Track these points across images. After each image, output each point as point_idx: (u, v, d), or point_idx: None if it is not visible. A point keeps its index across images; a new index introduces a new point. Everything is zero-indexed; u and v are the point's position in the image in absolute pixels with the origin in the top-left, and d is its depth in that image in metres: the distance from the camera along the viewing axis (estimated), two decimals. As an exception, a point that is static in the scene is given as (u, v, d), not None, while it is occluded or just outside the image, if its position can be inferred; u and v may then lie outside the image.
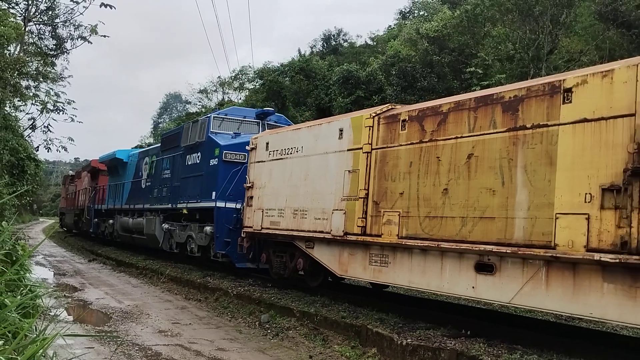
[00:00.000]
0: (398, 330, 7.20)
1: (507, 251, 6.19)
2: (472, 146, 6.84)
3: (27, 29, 19.43)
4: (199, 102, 62.11)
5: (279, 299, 9.88)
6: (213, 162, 13.62)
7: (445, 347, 6.23)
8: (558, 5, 22.02)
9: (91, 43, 20.57)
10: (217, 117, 14.65)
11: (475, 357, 5.88)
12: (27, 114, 21.65)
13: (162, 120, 64.31)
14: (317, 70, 36.47)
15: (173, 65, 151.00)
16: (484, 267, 6.61)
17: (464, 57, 25.99)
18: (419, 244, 7.37)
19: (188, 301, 11.48)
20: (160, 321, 9.23)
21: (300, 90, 36.14)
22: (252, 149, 11.87)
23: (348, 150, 9.00)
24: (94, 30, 19.59)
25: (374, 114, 8.64)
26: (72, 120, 20.88)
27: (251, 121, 14.69)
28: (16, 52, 18.44)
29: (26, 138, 21.13)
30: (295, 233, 10.01)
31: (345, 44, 49.55)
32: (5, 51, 16.25)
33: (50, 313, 5.78)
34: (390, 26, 48.92)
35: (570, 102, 5.86)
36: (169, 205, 15.92)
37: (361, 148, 8.66)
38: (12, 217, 11.71)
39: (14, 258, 5.15)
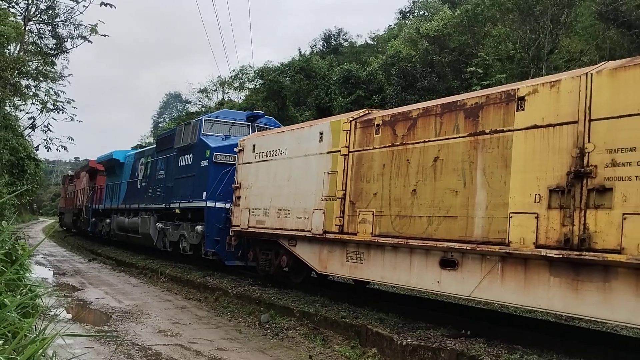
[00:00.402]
0: (398, 330, 7.19)
1: (468, 248, 6.65)
2: (437, 150, 7.33)
3: (27, 28, 19.42)
4: (199, 101, 62.19)
5: (278, 299, 9.88)
6: (204, 163, 14.04)
7: (445, 347, 6.23)
8: (558, 5, 22.00)
9: (91, 42, 20.55)
10: (208, 119, 15.12)
11: (475, 357, 5.88)
12: (27, 113, 21.63)
13: (162, 119, 64.33)
14: (318, 70, 36.44)
15: (174, 65, 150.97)
16: (448, 263, 7.08)
17: (465, 57, 25.98)
18: (391, 242, 7.86)
19: (188, 301, 11.48)
20: (160, 321, 9.23)
21: (301, 89, 36.11)
22: (240, 150, 12.31)
23: (327, 152, 9.46)
24: (94, 30, 19.57)
25: (351, 119, 9.12)
26: (72, 119, 20.85)
27: (242, 124, 15.11)
28: (16, 52, 18.43)
29: (26, 137, 21.12)
30: (279, 232, 10.45)
31: (345, 44, 49.55)
32: (5, 50, 16.24)
33: (50, 313, 5.78)
34: (390, 26, 48.97)
35: (523, 109, 6.33)
36: (163, 205, 16.32)
37: (339, 151, 9.14)
38: (12, 217, 11.73)
39: (14, 257, 5.14)
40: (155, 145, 18.89)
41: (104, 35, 19.66)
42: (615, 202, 5.35)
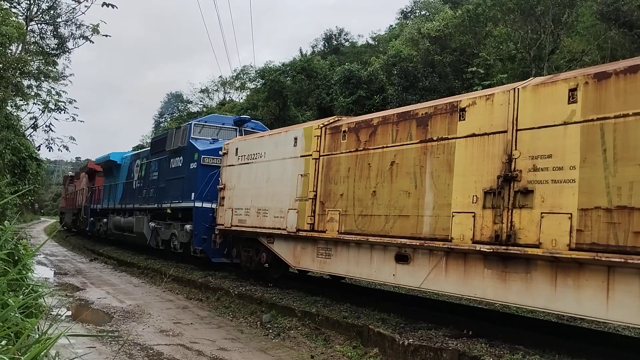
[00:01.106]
0: (400, 331, 7.20)
1: (418, 244, 7.41)
2: (394, 155, 8.06)
3: (28, 28, 19.44)
4: (200, 101, 62.18)
5: (280, 299, 9.88)
6: (193, 165, 14.75)
7: (447, 348, 6.23)
8: (560, 5, 21.98)
9: (93, 42, 20.59)
10: (197, 124, 15.87)
11: (477, 357, 5.88)
12: (28, 113, 21.65)
13: (163, 119, 64.27)
14: (319, 70, 36.43)
15: (176, 65, 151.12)
16: (402, 258, 7.81)
17: (466, 57, 25.95)
18: (354, 239, 8.62)
19: (189, 301, 11.49)
20: (162, 321, 9.24)
21: (302, 90, 36.09)
22: (225, 153, 13.03)
23: (301, 156, 10.21)
24: (95, 30, 19.60)
25: (321, 125, 9.85)
26: (74, 119, 20.87)
27: (229, 128, 15.82)
28: (18, 52, 18.44)
29: (28, 137, 21.13)
30: (258, 230, 11.22)
31: (346, 44, 49.49)
32: (7, 50, 16.24)
33: (53, 313, 5.78)
34: (391, 26, 48.87)
35: (464, 119, 7.07)
36: (156, 205, 17.02)
37: (311, 155, 9.88)
38: (14, 217, 11.72)
39: (17, 258, 5.15)
40: (149, 148, 19.50)
41: (106, 35, 19.70)
42: (535, 203, 6.07)
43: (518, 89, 6.48)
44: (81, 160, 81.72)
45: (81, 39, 20.75)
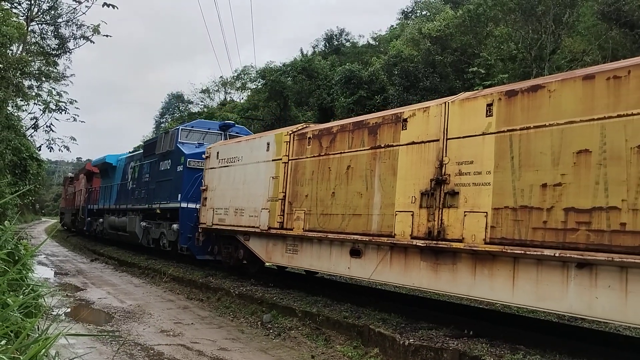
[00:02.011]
0: (400, 331, 7.19)
1: (367, 240, 8.24)
2: (350, 159, 8.91)
3: (29, 29, 19.45)
4: (201, 102, 62.22)
5: (281, 299, 9.88)
6: (179, 168, 15.62)
7: (448, 348, 6.22)
8: (561, 5, 21.96)
9: (93, 43, 20.61)
10: (184, 129, 16.78)
11: (478, 357, 5.87)
12: (29, 113, 21.66)
13: (164, 120, 64.29)
14: (320, 70, 36.43)
15: (178, 66, 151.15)
16: (355, 252, 8.74)
17: (467, 57, 25.94)
18: (316, 235, 9.46)
19: (190, 301, 11.48)
20: (163, 321, 9.23)
21: (303, 90, 36.10)
22: (207, 157, 13.84)
23: (272, 160, 11.04)
24: (96, 30, 19.62)
25: (290, 132, 10.65)
26: (75, 119, 20.89)
27: (215, 132, 16.65)
28: (19, 52, 18.45)
29: (28, 138, 21.14)
30: (236, 228, 12.07)
31: (347, 44, 49.50)
32: (8, 51, 16.24)
33: (53, 312, 5.78)
34: (392, 26, 48.86)
35: (406, 129, 7.90)
36: (146, 206, 17.86)
37: (281, 159, 10.70)
38: (14, 217, 11.72)
39: (17, 257, 5.14)
40: (142, 151, 20.21)
41: (107, 36, 19.73)
42: (460, 203, 6.89)
43: (448, 102, 7.33)
44: (82, 160, 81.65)
45: (82, 39, 20.77)
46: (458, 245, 6.76)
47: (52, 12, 20.41)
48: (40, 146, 21.53)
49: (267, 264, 12.06)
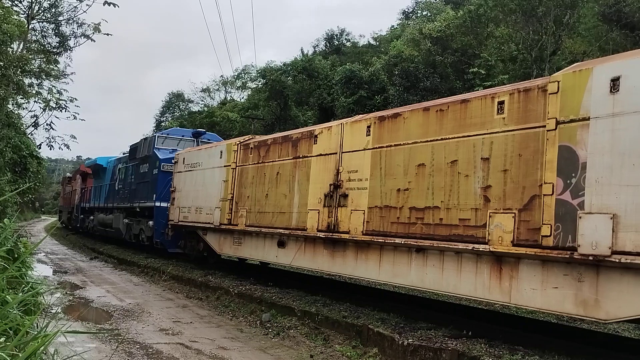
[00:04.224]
0: (399, 330, 7.18)
1: (289, 233, 10.05)
2: (279, 167, 10.64)
3: (30, 27, 19.43)
4: (202, 101, 62.21)
5: (280, 299, 9.88)
6: (155, 171, 17.39)
7: (447, 348, 6.22)
8: (561, 6, 21.97)
9: (94, 41, 20.57)
10: (160, 135, 18.75)
11: (477, 357, 5.87)
12: (29, 111, 21.65)
13: (164, 119, 64.24)
14: (320, 70, 36.43)
15: (179, 65, 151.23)
16: (281, 243, 10.54)
17: (467, 58, 25.94)
18: (254, 230, 11.28)
19: (189, 300, 11.48)
20: (162, 319, 9.23)
21: (303, 89, 36.10)
22: (175, 162, 15.66)
23: (224, 166, 12.74)
24: (97, 29, 19.59)
25: (238, 142, 12.47)
26: (75, 118, 20.84)
27: (188, 139, 18.37)
28: (19, 50, 18.43)
29: (29, 136, 21.12)
30: (196, 224, 13.84)
31: (348, 44, 49.49)
32: (9, 49, 16.23)
33: (52, 310, 5.78)
34: (393, 26, 48.87)
35: (317, 143, 9.63)
36: (129, 205, 19.58)
37: (230, 165, 12.44)
38: (14, 215, 11.72)
39: (16, 255, 5.15)
40: (128, 154, 21.61)
41: (107, 34, 19.65)
42: (348, 203, 8.60)
43: (344, 123, 9.10)
44: (82, 158, 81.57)
45: (82, 37, 20.74)
46: (346, 236, 8.55)
47: (53, 10, 20.38)
48: (40, 144, 21.49)
49: (222, 255, 13.79)
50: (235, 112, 42.86)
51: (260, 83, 41.50)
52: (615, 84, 5.30)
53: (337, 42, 49.33)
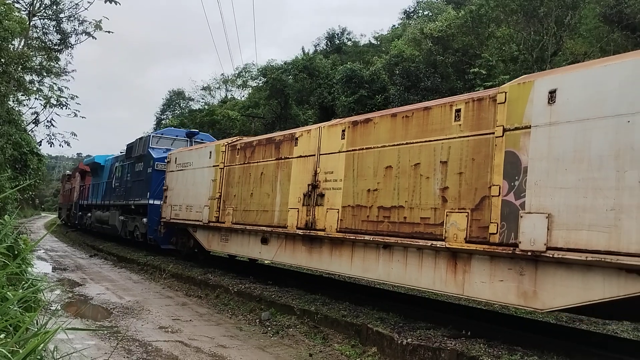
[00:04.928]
0: (398, 330, 7.19)
1: (271, 230, 10.64)
2: (263, 167, 11.23)
3: (31, 24, 19.43)
4: (202, 99, 62.11)
5: (279, 297, 9.89)
6: (149, 170, 17.97)
7: (446, 348, 6.23)
8: (563, 6, 21.95)
9: (95, 38, 20.59)
10: (155, 135, 19.35)
11: (476, 357, 5.88)
12: (30, 108, 21.62)
13: (165, 117, 64.13)
14: (321, 69, 36.37)
15: (181, 63, 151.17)
16: (264, 240, 11.13)
17: (468, 58, 25.91)
18: (240, 227, 11.85)
19: (189, 298, 11.49)
20: (161, 317, 9.24)
21: (304, 88, 36.07)
22: (168, 161, 16.26)
23: (213, 166, 13.33)
24: (98, 26, 19.60)
25: (226, 144, 13.05)
26: (75, 115, 20.85)
27: (182, 139, 18.92)
28: (20, 47, 18.42)
29: (29, 132, 21.10)
30: (187, 222, 14.45)
31: (349, 43, 49.44)
32: (10, 45, 16.22)
33: (52, 307, 5.79)
34: (394, 26, 48.78)
35: (297, 145, 10.21)
36: (124, 202, 20.25)
37: (218, 165, 13.02)
38: (14, 211, 11.72)
39: (16, 252, 5.15)
40: (125, 153, 22.08)
41: (108, 32, 19.70)
42: (325, 202, 9.15)
43: (322, 127, 9.69)
44: (82, 156, 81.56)
45: (83, 34, 20.74)
46: (322, 234, 9.12)
47: (55, 7, 20.38)
48: (40, 141, 21.48)
49: (211, 252, 14.30)
50: (236, 110, 42.81)
51: (261, 82, 41.45)
52: (552, 96, 5.86)
53: (338, 41, 49.26)
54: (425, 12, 42.20)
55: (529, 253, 5.82)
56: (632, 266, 5.06)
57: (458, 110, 7.01)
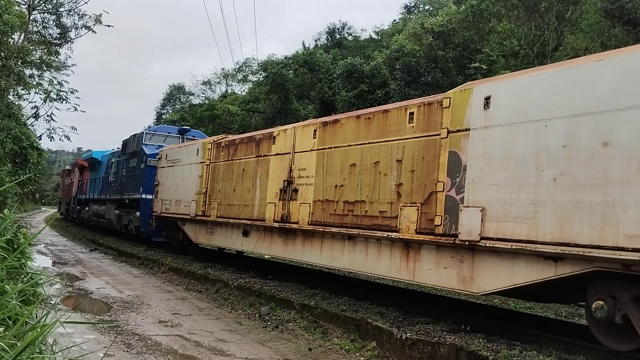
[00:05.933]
0: (398, 325, 7.20)
1: (251, 223, 11.37)
2: (244, 164, 11.91)
3: (31, 18, 19.38)
4: (202, 93, 62.00)
5: (279, 292, 9.89)
6: (142, 165, 18.65)
7: (445, 342, 6.23)
8: (564, 1, 21.89)
9: (95, 32, 20.57)
10: (148, 132, 20.02)
11: (475, 352, 5.88)
12: (30, 102, 21.61)
13: (165, 111, 64.04)
14: (321, 64, 36.30)
15: (182, 58, 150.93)
16: (245, 233, 11.91)
17: (469, 53, 25.86)
18: (224, 221, 12.60)
19: (188, 292, 11.50)
20: (161, 311, 9.25)
21: (304, 83, 36.02)
22: (159, 158, 16.95)
23: (200, 162, 14.04)
24: (98, 20, 19.57)
25: (212, 141, 13.74)
26: (75, 109, 20.87)
27: (174, 136, 19.61)
28: (20, 41, 18.39)
29: (29, 127, 21.09)
30: (176, 215, 15.22)
31: (349, 38, 49.31)
32: (10, 39, 16.18)
33: (51, 301, 5.79)
34: (395, 20, 48.63)
35: (275, 143, 10.87)
36: (119, 197, 20.96)
37: (205, 162, 13.75)
38: (14, 205, 11.72)
39: (16, 246, 5.15)
40: (120, 148, 22.70)
41: (108, 26, 19.69)
42: (298, 197, 9.82)
43: (297, 127, 10.35)
44: (82, 150, 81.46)
45: (83, 28, 20.71)
46: (295, 226, 9.83)
47: (54, 1, 20.34)
48: (40, 135, 21.51)
49: (198, 244, 15.00)
50: (236, 105, 42.77)
51: (261, 76, 41.36)
52: (487, 102, 6.50)
53: (338, 36, 49.13)
54: (426, 7, 42.03)
55: (467, 242, 6.50)
56: (546, 253, 5.72)
57: (412, 114, 7.66)
